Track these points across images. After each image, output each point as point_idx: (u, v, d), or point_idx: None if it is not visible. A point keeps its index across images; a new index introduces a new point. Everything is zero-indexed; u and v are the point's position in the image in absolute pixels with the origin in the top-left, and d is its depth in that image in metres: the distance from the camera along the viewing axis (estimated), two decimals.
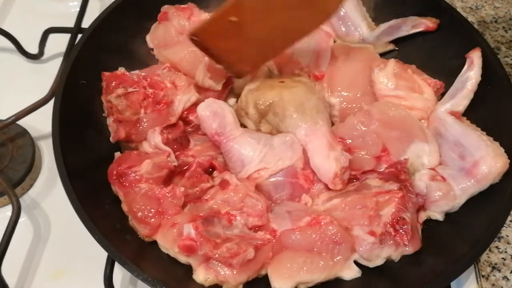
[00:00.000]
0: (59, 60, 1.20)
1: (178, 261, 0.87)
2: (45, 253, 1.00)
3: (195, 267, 0.85)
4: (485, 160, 0.89)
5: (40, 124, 1.14)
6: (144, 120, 0.99)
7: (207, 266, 0.84)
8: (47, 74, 1.17)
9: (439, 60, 1.07)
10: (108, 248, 0.81)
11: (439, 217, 0.93)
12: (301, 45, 1.12)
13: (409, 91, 1.02)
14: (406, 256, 0.88)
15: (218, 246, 0.84)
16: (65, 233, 1.02)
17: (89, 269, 0.94)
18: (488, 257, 1.01)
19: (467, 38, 1.04)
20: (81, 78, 1.00)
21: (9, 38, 1.23)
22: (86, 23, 1.13)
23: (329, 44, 1.13)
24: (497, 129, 0.94)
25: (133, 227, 0.90)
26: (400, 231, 0.86)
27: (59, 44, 1.25)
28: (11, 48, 1.25)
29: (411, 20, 1.11)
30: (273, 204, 0.95)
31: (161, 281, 0.78)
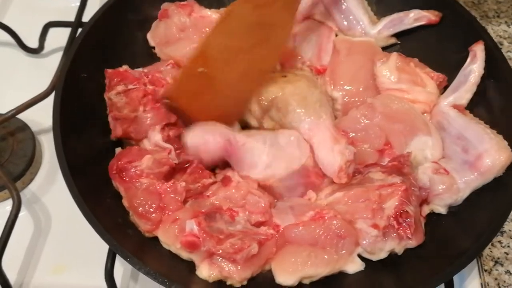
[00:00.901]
0: (60, 55, 1.19)
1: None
2: (46, 248, 1.00)
3: (198, 263, 0.85)
4: (489, 153, 0.89)
5: (41, 119, 1.13)
6: (143, 118, 0.98)
7: (211, 262, 0.84)
8: (47, 69, 1.16)
9: (442, 54, 1.07)
10: (110, 242, 0.80)
11: (442, 211, 0.93)
12: (303, 39, 1.13)
13: (412, 85, 1.01)
14: (409, 249, 0.88)
15: (222, 242, 0.83)
16: (66, 228, 1.01)
17: (90, 264, 0.94)
18: (491, 252, 1.00)
19: (470, 31, 1.03)
20: (82, 72, 0.99)
21: (9, 32, 1.23)
22: (87, 17, 1.12)
23: (331, 38, 1.13)
24: (500, 122, 0.94)
25: (134, 223, 0.90)
26: (403, 224, 0.86)
27: (60, 38, 1.24)
28: (11, 42, 1.25)
29: (414, 14, 1.10)
30: (276, 200, 0.95)
31: (164, 275, 0.78)
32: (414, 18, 1.10)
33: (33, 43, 1.25)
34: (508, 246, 1.01)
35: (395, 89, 1.01)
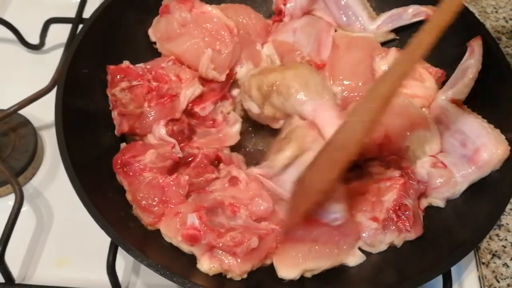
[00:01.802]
0: (61, 51, 1.19)
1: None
2: (48, 242, 1.00)
3: (199, 257, 0.86)
4: (486, 147, 0.90)
5: (42, 114, 1.14)
6: (148, 114, 0.99)
7: (211, 255, 0.85)
8: (49, 65, 1.17)
9: (440, 49, 1.05)
10: (112, 234, 0.81)
11: (440, 204, 0.94)
12: (303, 34, 1.13)
13: (410, 80, 1.02)
14: (408, 242, 0.89)
15: (222, 235, 0.84)
16: (68, 222, 1.02)
17: (92, 258, 0.95)
18: (489, 245, 1.01)
19: (468, 27, 1.03)
20: (83, 68, 1.00)
21: (10, 29, 1.23)
22: (87, 13, 1.13)
23: (331, 33, 1.14)
24: (498, 117, 0.94)
25: (137, 216, 0.91)
26: (403, 217, 0.87)
27: (61, 35, 1.24)
28: (12, 39, 1.25)
29: (412, 9, 1.11)
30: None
31: (165, 267, 0.78)
32: (413, 14, 1.11)
33: (34, 40, 1.26)
34: (506, 239, 1.02)
35: None
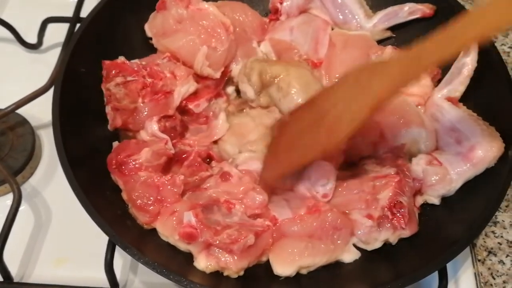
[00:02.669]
0: (58, 50, 1.20)
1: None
2: (46, 241, 1.01)
3: (196, 255, 0.86)
4: (481, 145, 0.90)
5: (40, 113, 1.14)
6: (142, 109, 0.99)
7: (208, 253, 0.85)
8: (46, 64, 1.17)
9: None
10: (109, 233, 0.81)
11: (436, 201, 0.94)
12: (300, 33, 1.13)
13: None
14: (403, 239, 0.90)
15: (219, 233, 0.84)
16: (66, 221, 1.02)
17: (90, 256, 0.95)
18: (484, 242, 1.02)
19: None
20: (81, 67, 1.00)
21: (8, 28, 1.24)
22: (85, 13, 1.13)
23: (327, 32, 1.14)
24: (493, 114, 0.95)
25: (133, 215, 0.91)
26: (398, 215, 0.87)
27: (58, 34, 1.25)
28: (10, 38, 1.25)
29: (408, 7, 1.11)
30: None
31: (162, 265, 0.79)
32: (409, 12, 1.11)
33: (32, 39, 1.26)
34: (501, 236, 1.02)
35: None
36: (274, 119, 0.99)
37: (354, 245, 0.90)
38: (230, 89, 1.10)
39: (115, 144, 0.99)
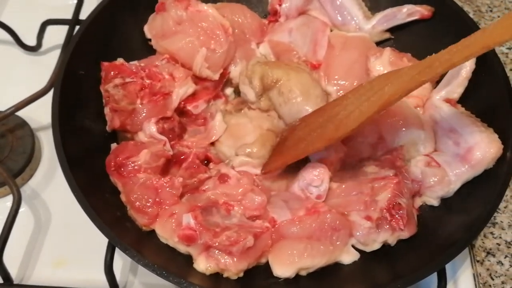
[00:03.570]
0: (57, 52, 1.20)
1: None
2: (46, 242, 1.01)
3: (196, 256, 0.86)
4: (479, 146, 0.90)
5: (39, 116, 1.14)
6: (140, 111, 0.99)
7: (208, 255, 0.85)
8: (45, 66, 1.17)
9: (435, 48, 1.06)
10: (109, 235, 0.82)
11: (434, 203, 0.95)
12: (299, 34, 1.14)
13: None
14: (402, 241, 0.90)
15: (218, 235, 0.84)
16: (65, 223, 1.03)
17: (90, 258, 0.95)
18: (483, 243, 1.02)
19: (462, 26, 1.04)
20: (80, 69, 1.00)
21: (7, 30, 1.24)
22: (84, 15, 1.13)
23: (326, 33, 1.14)
24: (491, 116, 0.95)
25: (132, 217, 0.91)
26: (396, 216, 0.87)
27: (57, 36, 1.25)
28: (9, 40, 1.26)
29: (407, 9, 1.11)
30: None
31: (162, 267, 0.79)
32: (407, 13, 1.11)
33: (31, 41, 1.26)
34: (500, 237, 1.03)
35: None
36: (272, 123, 1.00)
37: (353, 247, 0.90)
38: (229, 91, 1.11)
39: (113, 146, 0.99)
